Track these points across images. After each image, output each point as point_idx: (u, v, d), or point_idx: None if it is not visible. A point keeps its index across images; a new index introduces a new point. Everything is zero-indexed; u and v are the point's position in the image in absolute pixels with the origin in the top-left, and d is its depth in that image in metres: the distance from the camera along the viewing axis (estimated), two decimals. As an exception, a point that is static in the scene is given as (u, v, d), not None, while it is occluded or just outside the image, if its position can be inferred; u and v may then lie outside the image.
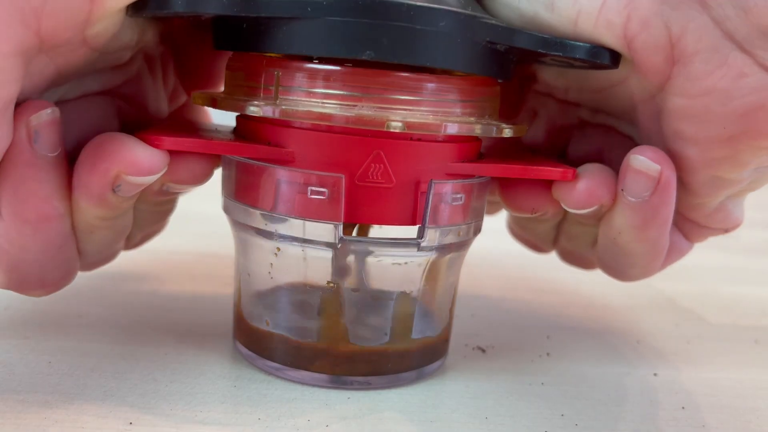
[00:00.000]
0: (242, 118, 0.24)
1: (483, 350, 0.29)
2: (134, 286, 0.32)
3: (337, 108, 0.21)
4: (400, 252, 0.23)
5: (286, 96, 0.22)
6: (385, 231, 0.27)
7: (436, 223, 0.23)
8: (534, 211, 0.25)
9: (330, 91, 0.21)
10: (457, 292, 0.26)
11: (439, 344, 0.26)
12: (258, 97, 0.22)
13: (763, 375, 0.29)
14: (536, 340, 0.30)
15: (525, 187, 0.25)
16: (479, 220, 0.25)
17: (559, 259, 0.31)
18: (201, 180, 0.23)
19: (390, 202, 0.22)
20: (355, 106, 0.21)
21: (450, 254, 0.24)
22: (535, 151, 0.29)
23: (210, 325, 0.29)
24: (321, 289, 0.23)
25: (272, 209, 0.22)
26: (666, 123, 0.22)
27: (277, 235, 0.23)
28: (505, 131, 0.23)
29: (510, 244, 0.33)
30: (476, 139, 0.24)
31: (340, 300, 0.24)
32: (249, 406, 0.23)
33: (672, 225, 0.25)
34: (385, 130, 0.21)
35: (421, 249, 0.23)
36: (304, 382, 0.24)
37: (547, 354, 0.29)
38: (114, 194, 0.21)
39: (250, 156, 0.23)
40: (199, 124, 0.27)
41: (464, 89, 0.23)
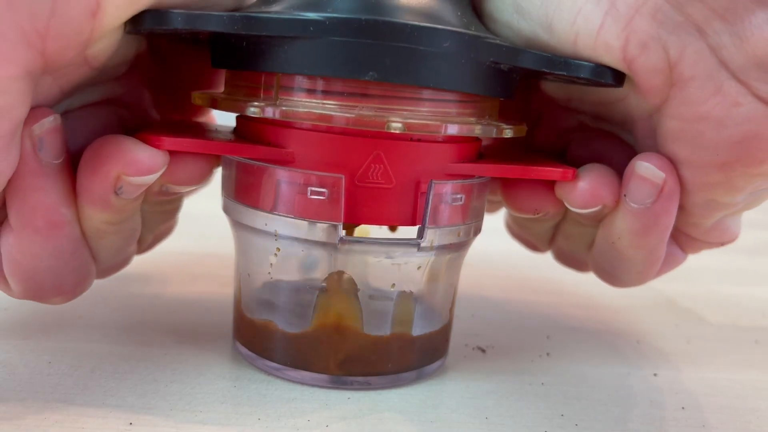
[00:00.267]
0: (242, 118, 0.24)
1: (483, 350, 0.29)
2: (134, 287, 0.32)
3: (337, 109, 0.21)
4: (399, 252, 0.23)
5: (286, 97, 0.22)
6: (385, 231, 0.28)
7: (436, 224, 0.23)
8: (536, 212, 0.25)
9: (330, 92, 0.21)
10: (457, 292, 0.26)
11: (439, 344, 0.26)
12: (258, 97, 0.22)
13: (763, 375, 0.29)
14: (536, 340, 0.30)
15: (527, 188, 0.25)
16: (479, 221, 0.25)
17: (554, 259, 0.31)
18: (199, 181, 0.23)
19: (390, 203, 0.22)
20: (356, 107, 0.21)
21: (450, 254, 0.24)
22: (535, 151, 0.29)
23: (210, 325, 0.29)
24: (321, 290, 0.23)
25: (272, 209, 0.22)
26: (661, 144, 0.22)
27: (277, 235, 0.23)
28: (506, 132, 0.23)
29: (510, 244, 0.33)
30: (476, 139, 0.24)
31: (340, 300, 0.24)
32: (249, 406, 0.23)
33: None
34: (386, 131, 0.21)
35: (421, 249, 0.23)
36: (304, 382, 0.24)
37: (547, 354, 0.29)
38: (117, 197, 0.21)
39: (250, 156, 0.23)
40: (199, 125, 0.27)
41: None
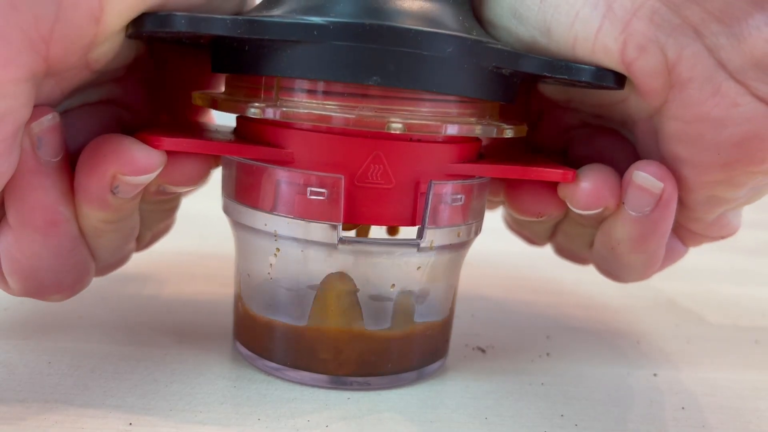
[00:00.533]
0: (242, 118, 0.24)
1: (483, 350, 0.29)
2: (134, 287, 0.32)
3: (337, 109, 0.21)
4: (399, 252, 0.23)
5: (286, 97, 0.22)
6: (384, 231, 0.28)
7: (436, 224, 0.23)
8: (540, 215, 0.25)
9: (330, 93, 0.21)
10: (457, 292, 0.26)
11: (439, 344, 0.26)
12: (258, 98, 0.22)
13: (763, 375, 0.29)
14: (536, 340, 0.30)
15: (530, 190, 0.25)
16: (479, 221, 0.25)
17: (554, 253, 0.31)
18: (196, 182, 0.23)
19: (389, 203, 0.22)
20: (356, 107, 0.21)
21: (450, 254, 0.24)
22: (536, 151, 0.29)
23: (210, 325, 0.29)
24: (321, 290, 0.23)
25: (272, 210, 0.22)
26: (662, 144, 0.23)
27: (276, 235, 0.23)
28: (506, 132, 0.23)
29: (510, 244, 0.33)
30: (476, 139, 0.24)
31: (339, 301, 0.24)
32: (249, 406, 0.23)
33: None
34: (386, 131, 0.21)
35: (421, 249, 0.23)
36: (303, 382, 0.24)
37: (547, 354, 0.29)
38: (114, 196, 0.21)
39: (250, 157, 0.23)
40: (199, 125, 0.27)
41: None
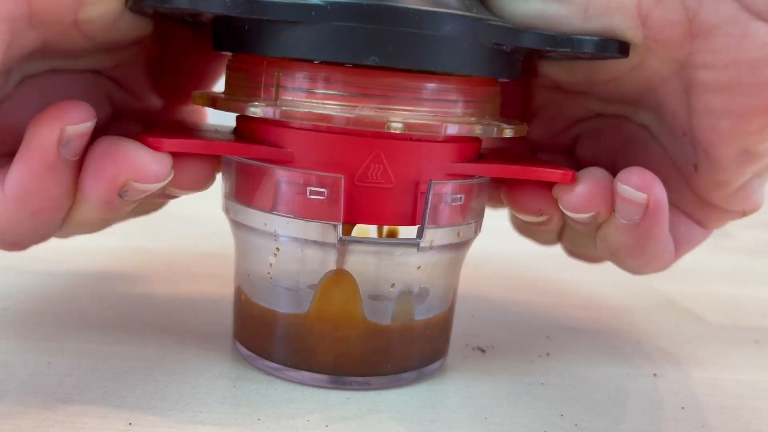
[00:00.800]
0: (242, 118, 0.24)
1: (483, 350, 0.29)
2: (134, 287, 0.32)
3: (337, 109, 0.21)
4: (399, 252, 0.23)
5: (286, 97, 0.22)
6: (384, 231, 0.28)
7: (436, 224, 0.23)
8: (540, 213, 0.25)
9: (330, 92, 0.21)
10: (457, 292, 0.26)
11: (439, 344, 0.26)
12: (258, 97, 0.22)
13: (763, 375, 0.29)
14: (536, 340, 0.30)
15: (530, 188, 0.25)
16: (479, 221, 0.25)
17: (566, 254, 0.31)
18: (203, 186, 0.23)
19: (389, 203, 0.22)
20: (356, 106, 0.21)
21: (450, 254, 0.24)
22: (539, 151, 0.29)
23: (210, 325, 0.29)
24: (320, 290, 0.23)
25: (272, 209, 0.22)
26: (695, 98, 0.22)
27: (276, 235, 0.23)
28: (506, 131, 0.23)
29: (510, 244, 0.33)
30: (476, 139, 0.24)
31: (339, 300, 0.24)
32: (249, 406, 0.23)
33: (683, 216, 0.25)
34: (386, 131, 0.21)
35: (421, 249, 0.23)
36: (303, 382, 0.24)
37: (547, 354, 0.29)
38: (120, 199, 0.21)
39: (250, 156, 0.23)
40: (198, 126, 0.27)
41: (465, 89, 0.22)
